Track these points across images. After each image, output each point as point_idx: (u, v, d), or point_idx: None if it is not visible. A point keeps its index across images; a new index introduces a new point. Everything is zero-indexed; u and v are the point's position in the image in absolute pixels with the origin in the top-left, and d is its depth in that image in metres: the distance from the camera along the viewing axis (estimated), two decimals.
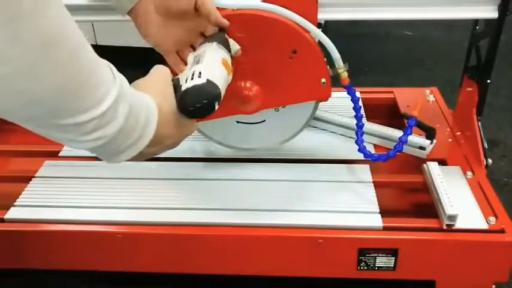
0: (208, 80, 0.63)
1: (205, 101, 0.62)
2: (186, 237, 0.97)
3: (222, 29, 0.80)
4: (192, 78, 0.63)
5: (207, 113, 0.63)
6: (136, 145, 0.56)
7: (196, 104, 0.61)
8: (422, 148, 1.14)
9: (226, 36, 0.81)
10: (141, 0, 0.76)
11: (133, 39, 0.94)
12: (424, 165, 1.07)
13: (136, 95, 0.55)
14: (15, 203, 1.03)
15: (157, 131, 0.57)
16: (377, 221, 0.96)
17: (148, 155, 0.60)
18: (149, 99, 0.58)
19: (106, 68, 0.51)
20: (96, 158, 0.90)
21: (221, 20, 0.79)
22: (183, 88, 0.62)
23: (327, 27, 1.86)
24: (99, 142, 0.51)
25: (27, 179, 1.10)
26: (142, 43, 0.87)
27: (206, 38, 0.78)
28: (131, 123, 0.53)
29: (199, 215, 0.99)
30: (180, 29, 0.79)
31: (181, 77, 0.66)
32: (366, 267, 0.96)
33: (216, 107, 0.64)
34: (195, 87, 0.62)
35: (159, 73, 0.65)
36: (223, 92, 0.65)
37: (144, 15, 0.77)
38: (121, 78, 0.52)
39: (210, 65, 0.67)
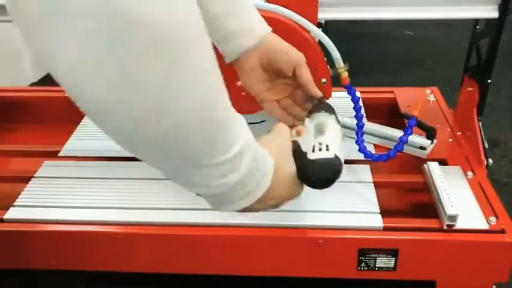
0: (336, 156, 0.64)
1: (329, 176, 0.63)
2: (186, 238, 0.97)
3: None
4: (320, 150, 0.64)
5: (326, 186, 0.65)
6: (248, 197, 0.56)
7: (321, 177, 0.63)
8: (422, 148, 1.13)
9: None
10: (246, 52, 0.76)
11: None
12: (425, 165, 1.07)
13: (257, 146, 0.56)
14: (14, 203, 1.03)
15: (269, 187, 0.57)
16: (377, 221, 0.96)
17: (251, 211, 0.60)
18: (267, 154, 0.58)
19: (236, 114, 0.52)
20: (96, 159, 0.90)
21: (316, 92, 0.80)
22: (311, 157, 0.63)
23: (327, 26, 1.86)
24: (221, 189, 0.52)
25: (26, 179, 1.10)
26: None
27: (319, 106, 0.78)
28: (251, 173, 0.53)
29: (199, 216, 0.99)
30: (277, 83, 0.81)
31: (303, 143, 0.66)
32: (366, 268, 0.96)
33: (333, 183, 0.65)
34: (324, 161, 0.63)
35: (279, 132, 0.65)
36: (343, 167, 0.66)
37: (247, 66, 0.78)
38: (247, 128, 0.54)
39: (335, 140, 0.68)
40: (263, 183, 0.56)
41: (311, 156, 0.63)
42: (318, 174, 0.63)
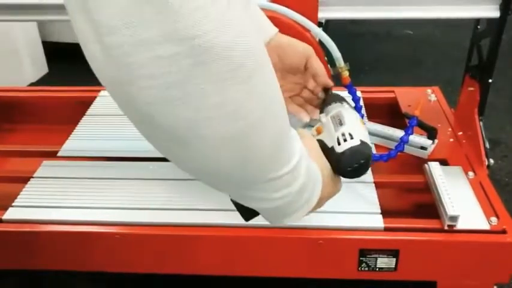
0: (361, 141, 0.65)
1: (362, 161, 0.64)
2: (186, 238, 0.96)
3: (326, 89, 0.82)
4: (345, 140, 0.65)
5: (363, 172, 0.66)
6: (307, 204, 0.56)
7: (354, 165, 0.64)
8: (423, 148, 1.13)
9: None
10: None
11: None
12: (426, 165, 1.07)
13: (306, 153, 0.56)
14: (13, 204, 1.03)
15: (321, 193, 0.58)
16: (378, 221, 0.95)
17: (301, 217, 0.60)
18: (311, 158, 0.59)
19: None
20: (94, 159, 0.89)
21: (327, 81, 0.81)
22: (339, 150, 0.64)
23: (328, 26, 1.86)
24: (285, 200, 0.52)
25: (25, 180, 1.09)
26: None
27: (330, 98, 0.78)
28: (308, 180, 0.54)
29: (199, 216, 0.98)
30: (288, 81, 0.81)
31: (327, 139, 0.67)
32: (367, 268, 0.95)
33: (369, 167, 0.66)
34: (352, 149, 0.64)
35: (303, 137, 0.64)
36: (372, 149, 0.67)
37: None
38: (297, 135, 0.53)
39: (355, 126, 0.68)
40: (317, 188, 0.57)
41: (339, 149, 0.64)
42: (351, 163, 0.64)
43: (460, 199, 0.97)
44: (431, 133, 1.13)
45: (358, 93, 1.05)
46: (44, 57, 2.26)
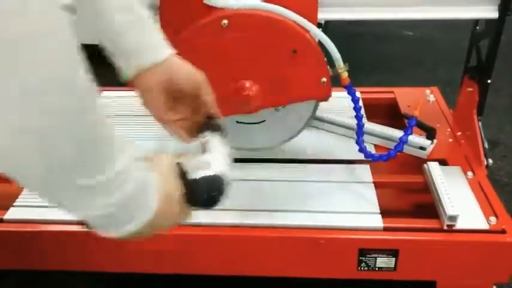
0: (217, 173, 0.65)
1: (213, 194, 0.64)
2: (186, 238, 0.97)
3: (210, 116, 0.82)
4: (201, 168, 0.65)
5: (214, 205, 0.65)
6: (135, 220, 0.56)
7: (204, 195, 0.63)
8: (422, 148, 1.13)
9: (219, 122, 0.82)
10: (148, 70, 0.77)
11: None
12: (425, 165, 1.07)
13: (142, 169, 0.56)
14: (14, 204, 1.03)
15: (156, 211, 0.58)
16: (377, 221, 0.96)
17: (139, 237, 0.60)
18: (152, 177, 0.59)
19: (121, 135, 0.53)
20: None
21: (216, 112, 0.81)
22: (193, 177, 0.64)
23: (327, 27, 1.86)
24: (106, 210, 0.52)
25: None
26: None
27: (206, 125, 0.80)
28: (137, 195, 0.54)
29: (199, 216, 0.98)
30: (178, 104, 0.81)
31: (187, 164, 0.66)
32: (366, 268, 0.96)
33: (221, 201, 0.66)
34: (205, 179, 0.64)
35: (162, 157, 0.66)
36: (228, 184, 0.67)
37: (147, 84, 0.78)
38: (133, 152, 0.54)
39: (217, 157, 0.69)
40: (149, 205, 0.57)
41: (193, 176, 0.64)
42: (201, 193, 0.63)
43: (459, 199, 0.97)
44: (431, 133, 1.14)
45: (358, 94, 1.05)
46: None
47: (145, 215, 0.57)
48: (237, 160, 1.13)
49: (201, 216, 0.98)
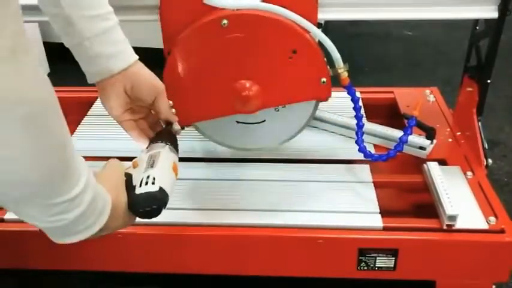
0: (160, 188, 0.70)
1: (154, 207, 0.70)
2: (186, 238, 0.97)
3: (169, 122, 0.87)
4: (146, 183, 0.70)
5: (154, 216, 0.71)
6: (88, 230, 0.61)
7: (146, 208, 0.69)
8: (422, 148, 1.14)
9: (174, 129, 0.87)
10: (113, 76, 0.80)
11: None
12: (424, 165, 1.07)
13: (97, 185, 0.61)
14: None
15: (107, 220, 0.63)
16: (377, 221, 0.96)
17: (90, 237, 0.65)
18: (105, 191, 0.63)
19: (80, 157, 0.58)
20: (96, 159, 0.90)
21: (172, 119, 0.86)
22: (137, 192, 0.69)
23: (327, 27, 1.86)
24: (58, 224, 0.56)
25: None
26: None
27: (159, 135, 0.84)
28: (90, 210, 0.59)
29: (199, 215, 0.99)
30: (136, 105, 0.85)
31: (135, 175, 0.72)
32: (366, 268, 0.96)
33: (160, 213, 0.71)
34: (148, 194, 0.69)
35: (114, 168, 0.72)
36: (171, 196, 0.73)
37: (110, 90, 0.82)
38: (87, 167, 0.59)
39: (163, 171, 0.74)
40: (102, 217, 0.62)
41: (137, 190, 0.70)
42: (143, 207, 0.69)
43: (459, 199, 0.97)
44: (430, 133, 1.14)
45: (358, 94, 1.05)
46: (45, 57, 2.26)
47: (97, 227, 0.61)
48: (237, 160, 1.14)
49: (200, 216, 0.99)
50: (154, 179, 0.70)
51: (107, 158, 1.14)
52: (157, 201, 0.70)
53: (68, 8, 0.75)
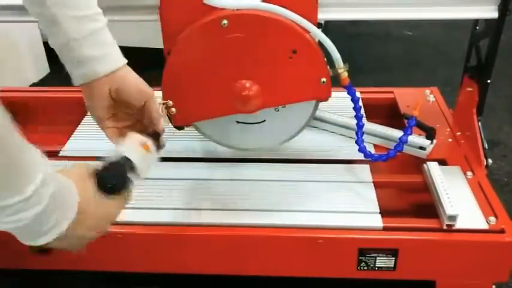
0: (124, 156, 0.67)
1: (121, 174, 0.67)
2: (186, 238, 0.97)
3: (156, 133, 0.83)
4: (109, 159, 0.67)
5: (126, 185, 0.67)
6: (56, 228, 0.58)
7: (114, 176, 0.66)
8: (422, 148, 1.14)
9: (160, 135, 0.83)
10: (99, 79, 0.78)
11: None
12: (424, 165, 1.07)
13: (60, 178, 0.59)
14: None
15: (78, 213, 0.60)
16: (377, 221, 0.96)
17: (66, 246, 0.64)
18: (71, 182, 0.61)
19: (35, 153, 0.55)
20: (96, 159, 0.90)
21: (160, 128, 0.83)
22: (101, 167, 0.66)
23: (327, 27, 1.86)
24: (19, 224, 0.54)
25: None
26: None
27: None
28: (53, 206, 0.56)
29: (199, 215, 0.99)
30: (123, 113, 0.83)
31: (100, 164, 0.69)
32: (366, 268, 0.96)
33: (133, 180, 0.68)
34: (111, 164, 0.67)
35: (77, 165, 0.68)
36: (143, 169, 0.69)
37: (97, 92, 0.80)
38: (46, 161, 0.57)
39: (128, 146, 0.71)
40: (69, 214, 0.59)
41: (101, 167, 0.66)
42: (109, 177, 0.66)
43: (459, 199, 0.97)
44: (430, 133, 1.14)
45: (358, 94, 1.05)
46: (45, 57, 2.26)
47: (64, 224, 0.59)
48: (236, 160, 1.14)
49: (200, 216, 0.99)
50: (117, 151, 0.68)
51: None
52: (121, 167, 0.66)
53: (54, 8, 0.73)
